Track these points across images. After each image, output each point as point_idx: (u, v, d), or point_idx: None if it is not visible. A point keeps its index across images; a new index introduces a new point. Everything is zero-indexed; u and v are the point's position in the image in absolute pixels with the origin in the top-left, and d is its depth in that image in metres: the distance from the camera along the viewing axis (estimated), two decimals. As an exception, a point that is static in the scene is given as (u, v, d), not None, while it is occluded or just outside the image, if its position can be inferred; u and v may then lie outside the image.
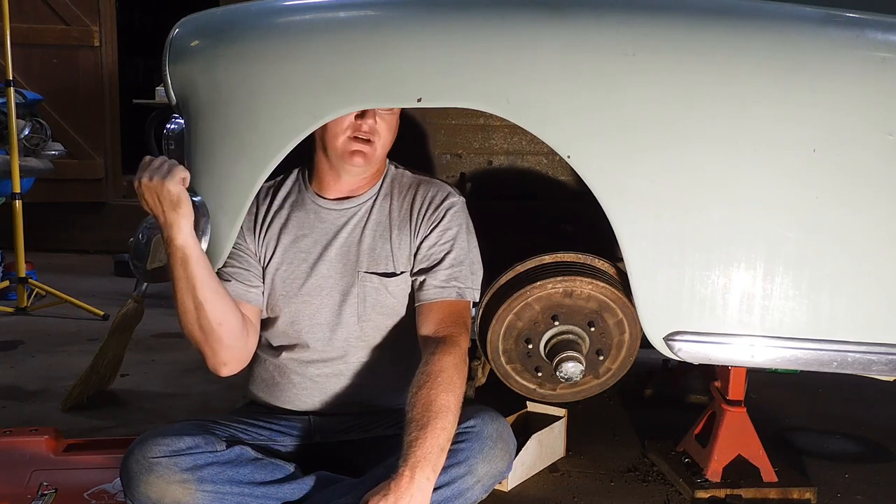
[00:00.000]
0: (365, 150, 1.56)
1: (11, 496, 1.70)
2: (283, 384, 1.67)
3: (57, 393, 2.54)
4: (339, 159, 1.58)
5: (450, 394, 1.41)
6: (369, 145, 1.56)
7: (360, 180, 1.65)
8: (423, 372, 1.45)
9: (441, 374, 1.44)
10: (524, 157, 2.10)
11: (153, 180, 1.45)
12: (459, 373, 1.46)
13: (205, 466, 1.42)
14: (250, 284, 1.63)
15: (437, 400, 1.40)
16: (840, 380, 2.65)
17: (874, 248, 1.49)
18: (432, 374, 1.44)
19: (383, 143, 1.58)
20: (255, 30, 1.54)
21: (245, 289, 1.63)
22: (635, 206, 1.49)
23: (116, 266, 4.75)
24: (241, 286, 1.63)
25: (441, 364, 1.46)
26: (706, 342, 1.54)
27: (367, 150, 1.56)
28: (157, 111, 3.47)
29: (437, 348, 1.49)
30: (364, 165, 1.59)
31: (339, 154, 1.57)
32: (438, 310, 1.57)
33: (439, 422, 1.37)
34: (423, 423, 1.37)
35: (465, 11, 1.48)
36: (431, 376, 1.44)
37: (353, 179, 1.64)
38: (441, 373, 1.44)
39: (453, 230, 1.62)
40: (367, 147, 1.56)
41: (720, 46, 1.45)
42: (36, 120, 4.03)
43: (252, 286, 1.63)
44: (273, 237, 1.66)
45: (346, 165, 1.59)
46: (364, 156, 1.56)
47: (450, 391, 1.42)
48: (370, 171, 1.64)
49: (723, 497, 1.86)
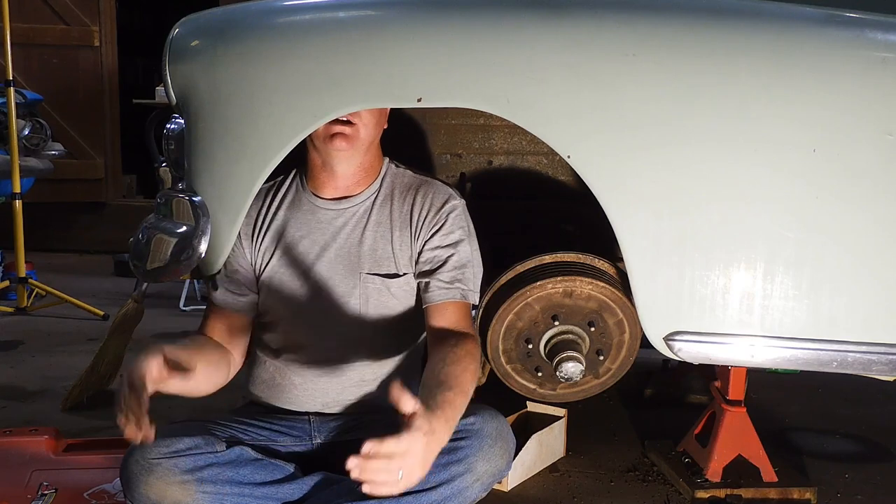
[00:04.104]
0: (346, 132, 1.53)
1: (11, 496, 1.70)
2: (284, 385, 1.67)
3: (57, 393, 2.54)
4: (323, 146, 1.56)
5: (468, 374, 1.43)
6: (350, 126, 1.53)
7: (356, 174, 1.63)
8: (442, 355, 1.46)
9: (464, 358, 1.45)
10: (524, 157, 2.10)
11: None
12: (476, 361, 1.48)
13: (205, 467, 1.42)
14: (240, 294, 1.64)
15: (460, 376, 1.41)
16: (840, 380, 2.65)
17: (874, 248, 1.49)
18: (453, 354, 1.45)
19: (366, 125, 1.56)
20: (255, 30, 1.54)
21: (234, 298, 1.64)
22: (635, 206, 1.49)
23: (116, 266, 4.76)
24: (231, 296, 1.64)
25: (462, 350, 1.47)
26: (706, 342, 1.53)
27: (349, 132, 1.54)
28: (157, 111, 3.48)
29: (456, 340, 1.51)
30: (348, 149, 1.56)
31: (322, 141, 1.55)
32: (451, 310, 1.58)
33: (460, 390, 1.39)
34: (450, 386, 1.38)
35: (465, 11, 1.48)
36: (454, 355, 1.45)
37: (347, 172, 1.62)
38: (464, 357, 1.46)
39: (456, 233, 1.62)
40: (348, 128, 1.53)
41: (720, 46, 1.45)
42: (36, 120, 4.04)
43: (241, 295, 1.65)
44: (271, 239, 1.66)
45: (330, 151, 1.56)
46: (346, 138, 1.54)
47: (469, 372, 1.43)
48: (358, 159, 1.61)
49: (723, 497, 1.86)
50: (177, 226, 1.60)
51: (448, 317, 1.57)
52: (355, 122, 1.54)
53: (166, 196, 1.65)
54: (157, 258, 1.62)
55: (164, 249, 1.59)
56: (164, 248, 1.60)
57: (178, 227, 1.59)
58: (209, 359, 1.54)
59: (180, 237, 1.58)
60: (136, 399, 1.28)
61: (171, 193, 1.64)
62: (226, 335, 1.64)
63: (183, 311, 3.79)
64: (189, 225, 1.57)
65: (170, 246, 1.59)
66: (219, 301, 1.65)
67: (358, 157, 1.61)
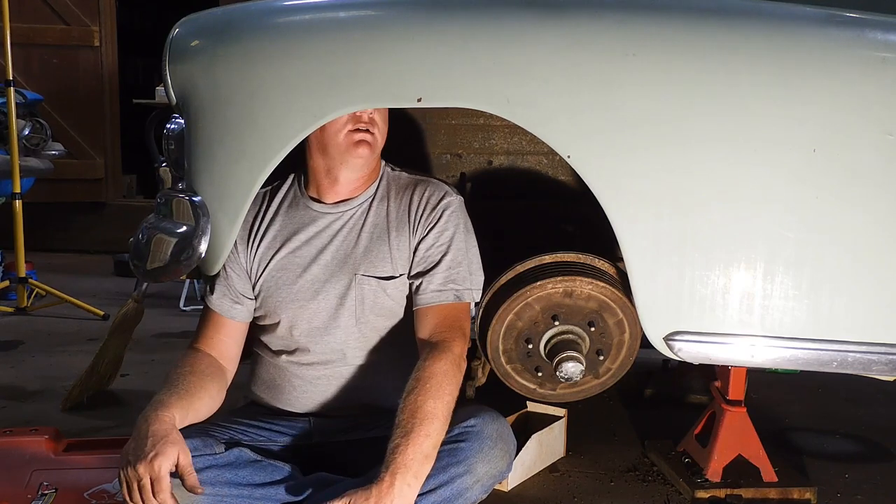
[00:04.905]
0: (368, 140, 1.57)
1: (11, 496, 1.70)
2: (284, 386, 1.67)
3: (57, 393, 2.54)
4: (342, 154, 1.58)
5: (437, 400, 1.41)
6: (371, 135, 1.57)
7: (358, 179, 1.64)
8: (414, 378, 1.46)
9: (430, 381, 1.44)
10: (524, 157, 2.10)
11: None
12: (449, 379, 1.46)
13: (203, 469, 1.42)
14: (235, 301, 1.65)
15: (423, 406, 1.40)
16: (840, 380, 2.65)
17: (874, 248, 1.49)
18: (421, 380, 1.44)
19: (381, 133, 1.60)
20: (255, 30, 1.54)
21: (230, 305, 1.65)
22: (635, 206, 1.49)
23: (116, 266, 4.76)
24: (227, 302, 1.64)
25: (431, 370, 1.46)
26: (706, 342, 1.53)
27: (370, 139, 1.57)
28: (157, 111, 3.48)
29: (430, 354, 1.50)
30: (369, 156, 1.59)
31: (342, 149, 1.57)
32: (434, 314, 1.58)
33: (423, 428, 1.37)
34: (408, 430, 1.37)
35: (465, 11, 1.48)
36: (420, 382, 1.44)
37: (352, 178, 1.63)
38: (430, 379, 1.44)
39: (450, 231, 1.62)
40: (369, 136, 1.57)
41: (720, 46, 1.45)
42: (36, 120, 4.04)
43: (237, 302, 1.65)
44: (269, 242, 1.66)
45: (351, 159, 1.58)
46: (369, 145, 1.57)
47: (438, 398, 1.42)
48: (371, 165, 1.64)
49: (723, 497, 1.86)
50: (177, 226, 1.60)
51: (432, 322, 1.57)
52: (374, 130, 1.57)
53: (166, 196, 1.65)
54: (157, 258, 1.62)
55: (164, 249, 1.60)
56: (164, 248, 1.60)
57: (178, 227, 1.59)
58: (203, 399, 1.53)
59: (180, 237, 1.58)
60: (160, 488, 1.32)
61: (171, 193, 1.64)
62: (220, 347, 1.64)
63: (183, 311, 3.79)
64: (189, 225, 1.57)
65: (170, 246, 1.59)
66: (214, 306, 1.65)
67: (371, 163, 1.63)
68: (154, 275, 1.67)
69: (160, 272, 1.63)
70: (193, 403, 1.49)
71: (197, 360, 1.58)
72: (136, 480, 1.32)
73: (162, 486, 1.31)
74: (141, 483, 1.32)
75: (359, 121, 1.55)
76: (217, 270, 1.63)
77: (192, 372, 1.53)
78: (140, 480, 1.32)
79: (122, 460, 1.36)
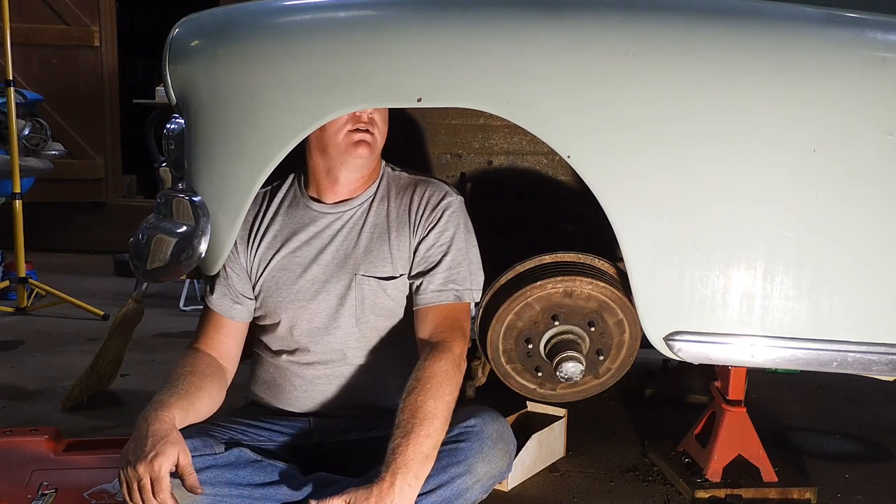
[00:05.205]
0: (368, 140, 1.57)
1: (11, 496, 1.70)
2: (284, 386, 1.67)
3: (57, 393, 2.54)
4: (342, 154, 1.58)
5: (437, 401, 1.42)
6: (370, 135, 1.57)
7: (358, 180, 1.64)
8: (414, 378, 1.46)
9: (430, 381, 1.44)
10: (524, 157, 2.10)
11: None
12: (450, 379, 1.46)
13: (203, 469, 1.42)
14: (235, 301, 1.65)
15: (423, 406, 1.40)
16: (840, 380, 2.65)
17: (874, 248, 1.49)
18: (421, 381, 1.44)
19: (381, 133, 1.60)
20: (255, 30, 1.54)
21: (230, 305, 1.65)
22: (635, 206, 1.49)
23: (116, 266, 4.76)
24: (227, 302, 1.65)
25: (431, 370, 1.46)
26: (706, 342, 1.53)
27: (370, 140, 1.57)
28: (157, 111, 3.49)
29: (430, 354, 1.50)
30: (369, 156, 1.59)
31: (342, 150, 1.57)
32: (434, 314, 1.58)
33: (423, 429, 1.37)
34: (408, 430, 1.37)
35: (464, 12, 1.48)
36: (420, 382, 1.44)
37: (352, 178, 1.63)
38: (430, 379, 1.44)
39: (450, 231, 1.62)
40: (369, 136, 1.57)
41: (720, 46, 1.45)
42: (36, 120, 4.03)
43: (237, 302, 1.65)
44: (269, 242, 1.66)
45: (350, 159, 1.58)
46: (368, 146, 1.57)
47: (438, 398, 1.42)
48: (371, 166, 1.64)
49: (723, 497, 1.86)
50: (177, 226, 1.60)
51: (432, 322, 1.57)
52: (373, 130, 1.57)
53: (166, 196, 1.65)
54: (157, 258, 1.62)
55: (164, 249, 1.60)
56: (164, 248, 1.60)
57: (178, 227, 1.59)
58: (203, 399, 1.53)
59: (180, 237, 1.58)
60: (160, 488, 1.32)
61: (171, 193, 1.64)
62: (220, 347, 1.64)
63: (183, 311, 3.79)
64: (189, 225, 1.57)
65: (170, 246, 1.59)
66: (214, 306, 1.65)
67: (371, 163, 1.63)
68: (154, 275, 1.67)
69: (160, 272, 1.63)
70: (193, 403, 1.49)
71: (197, 360, 1.58)
72: (136, 480, 1.32)
73: (162, 486, 1.32)
74: (141, 483, 1.32)
75: (358, 121, 1.55)
76: (217, 270, 1.63)
77: (192, 372, 1.53)
78: (140, 480, 1.32)
79: (122, 460, 1.36)
